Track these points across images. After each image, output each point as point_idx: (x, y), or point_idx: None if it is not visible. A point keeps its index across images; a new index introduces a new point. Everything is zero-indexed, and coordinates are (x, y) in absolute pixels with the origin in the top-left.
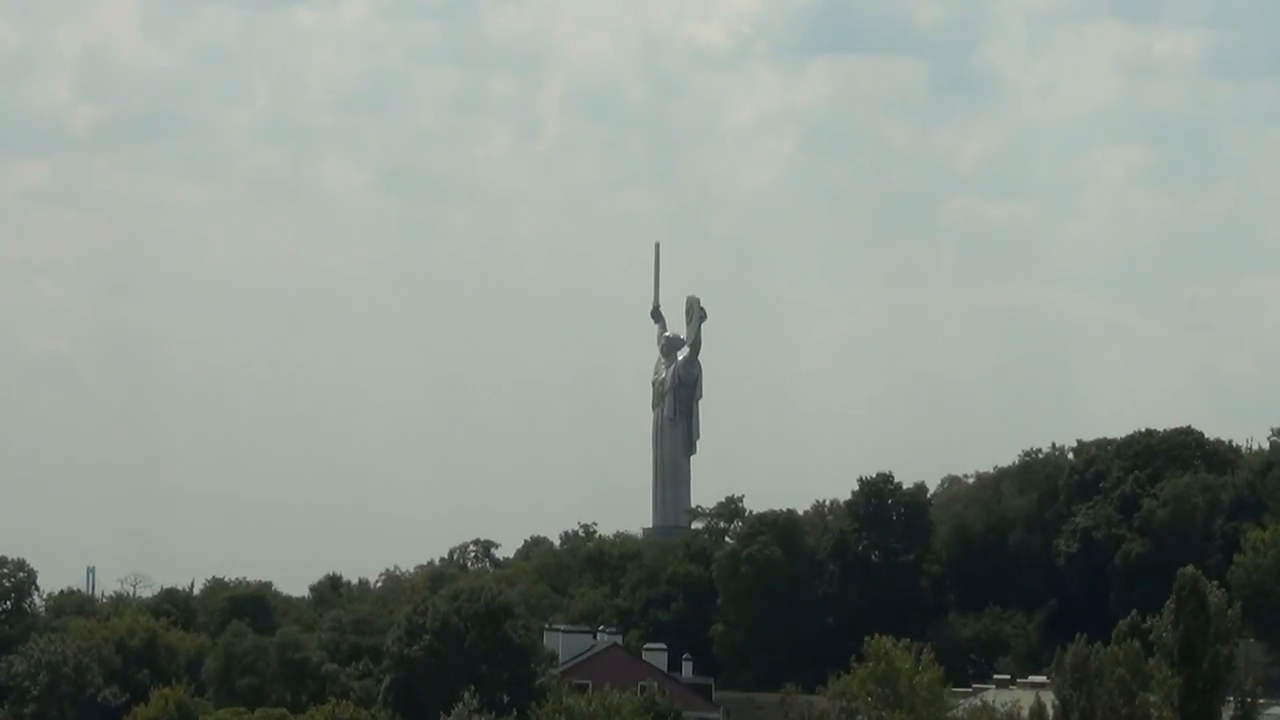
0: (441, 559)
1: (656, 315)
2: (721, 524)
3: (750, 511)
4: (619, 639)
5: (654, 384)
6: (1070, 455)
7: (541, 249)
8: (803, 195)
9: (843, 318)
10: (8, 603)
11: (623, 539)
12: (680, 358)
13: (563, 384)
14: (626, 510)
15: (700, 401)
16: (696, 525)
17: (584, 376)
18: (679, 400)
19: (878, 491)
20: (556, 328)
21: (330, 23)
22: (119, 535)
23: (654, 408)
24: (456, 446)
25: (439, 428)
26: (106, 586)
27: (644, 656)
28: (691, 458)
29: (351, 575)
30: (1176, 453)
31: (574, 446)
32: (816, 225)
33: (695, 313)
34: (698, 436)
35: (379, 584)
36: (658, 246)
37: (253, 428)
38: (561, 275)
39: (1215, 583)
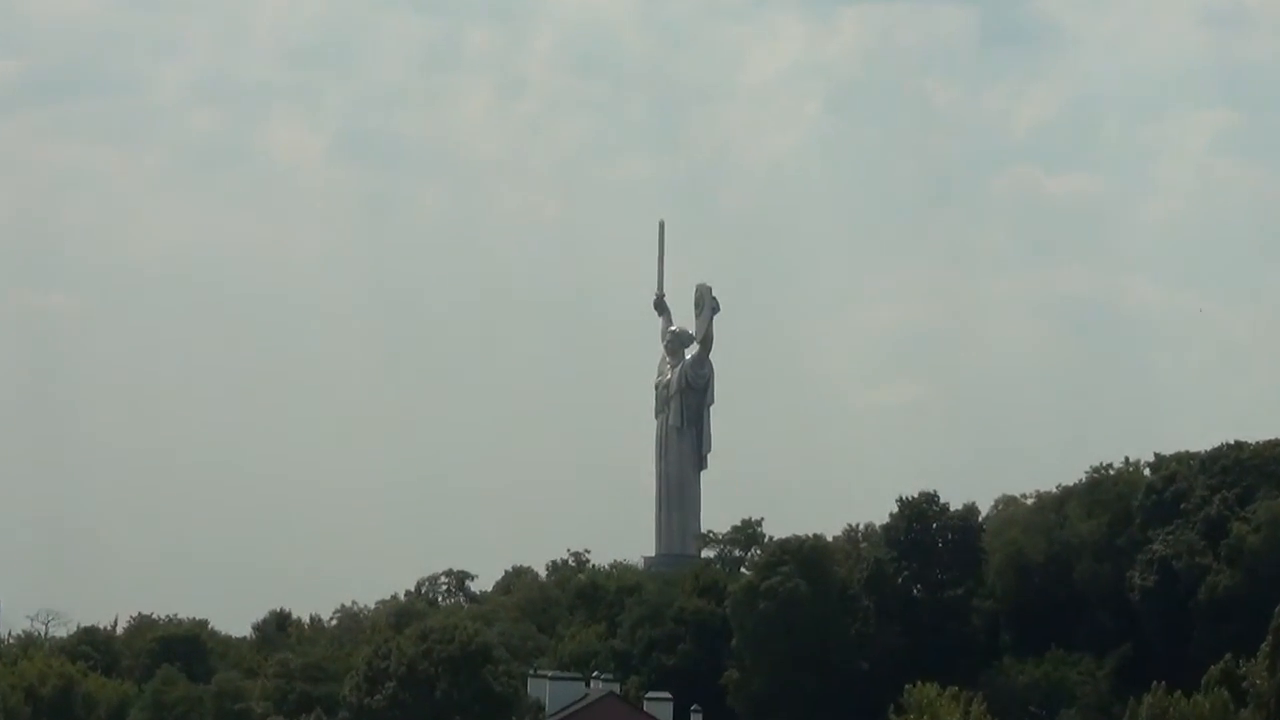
0: (407, 593)
1: (660, 306)
2: (737, 552)
3: (770, 537)
4: (616, 687)
5: (657, 387)
6: (1146, 472)
7: (526, 228)
8: (830, 165)
9: (878, 309)
10: None
11: (620, 570)
12: (688, 356)
13: (550, 388)
14: (625, 536)
15: (712, 408)
16: (707, 553)
17: (575, 379)
18: (687, 406)
19: (920, 514)
20: (543, 321)
21: None
22: (26, 565)
23: (657, 415)
24: (425, 461)
25: (405, 439)
26: (13, 624)
27: (645, 707)
28: (701, 474)
29: (301, 612)
30: (1271, 468)
31: (563, 461)
32: (846, 201)
33: (706, 303)
34: (708, 449)
35: (333, 622)
36: (662, 225)
37: (185, 440)
38: (549, 259)
39: None
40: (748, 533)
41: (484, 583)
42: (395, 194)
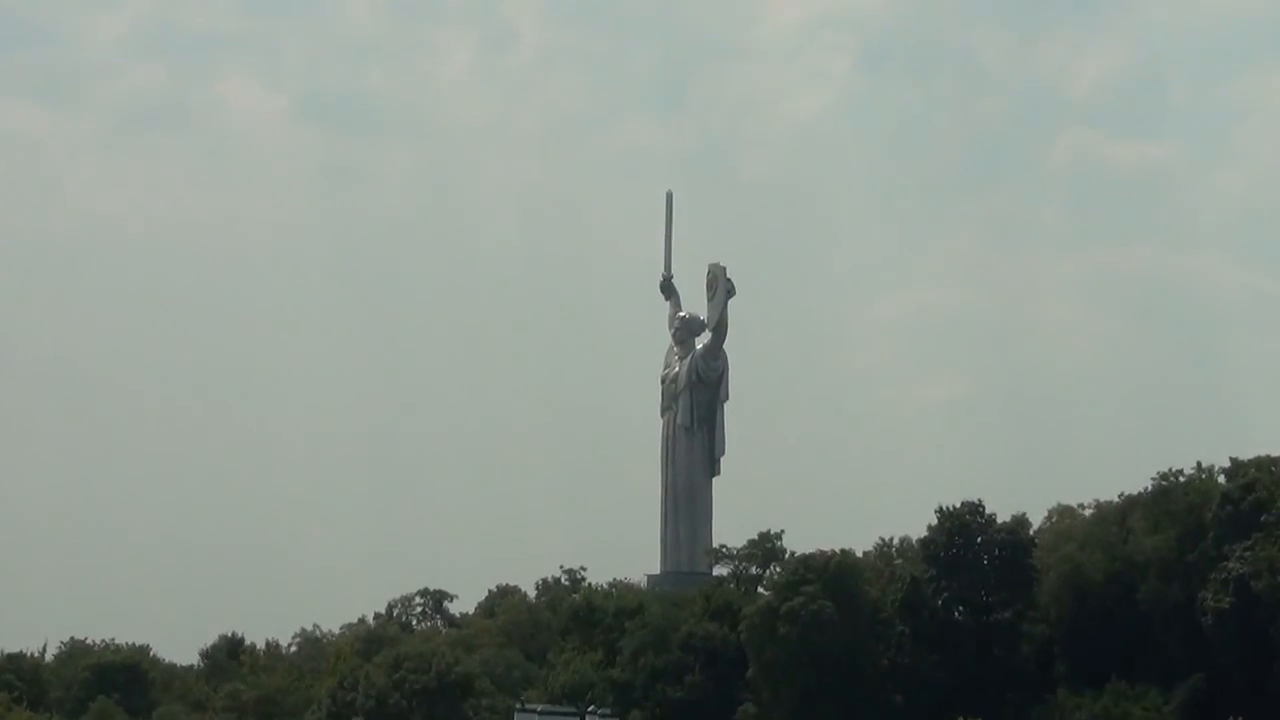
0: (377, 615)
1: (667, 289)
2: (754, 569)
3: (791, 553)
4: None
5: (663, 381)
6: (1221, 479)
7: (513, 202)
8: (863, 130)
9: (917, 294)
10: None
11: (620, 589)
12: (699, 346)
13: (540, 382)
14: (625, 551)
15: (726, 405)
16: (720, 571)
17: (568, 372)
18: (697, 403)
19: (963, 526)
20: (533, 308)
21: None
22: None
23: (663, 413)
24: (396, 465)
25: (372, 440)
26: None
27: None
28: (713, 480)
29: (256, 637)
30: None
31: (555, 466)
32: (881, 170)
33: (720, 286)
34: (721, 451)
35: (293, 648)
36: (669, 197)
37: (121, 443)
38: (539, 237)
39: None
40: (766, 547)
41: (464, 604)
42: (364, 162)
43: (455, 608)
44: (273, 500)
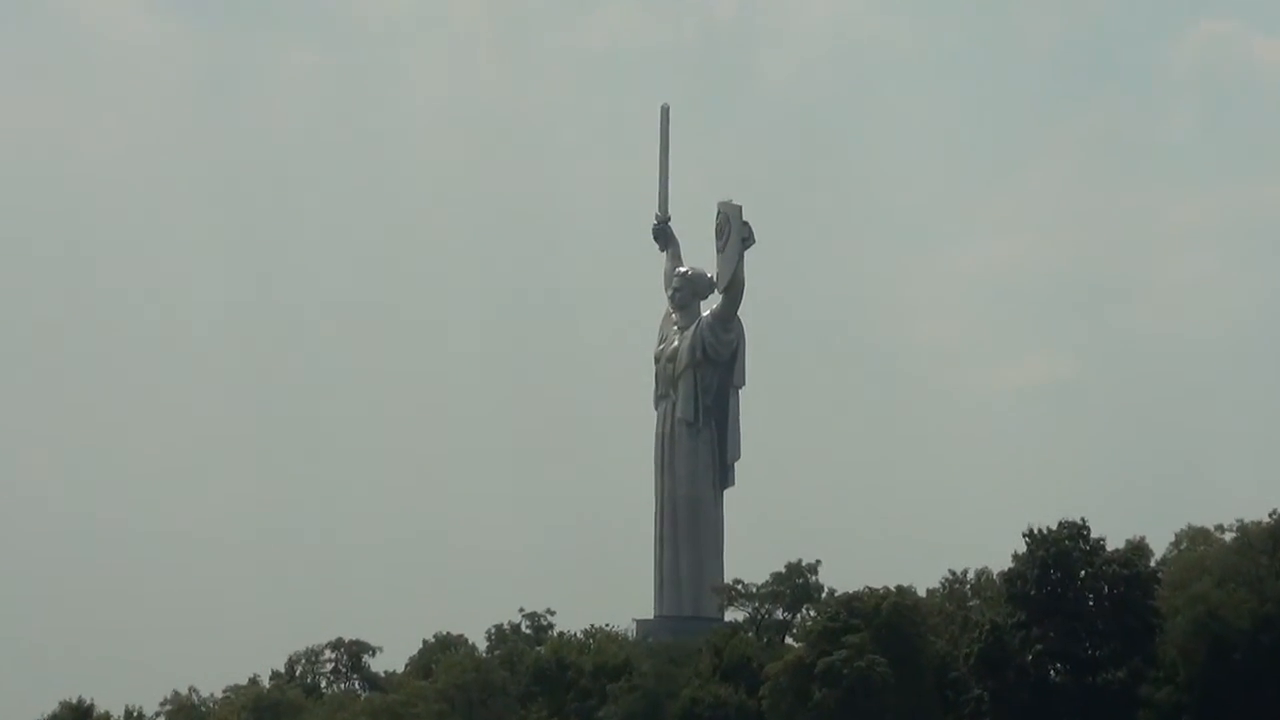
0: (274, 675)
1: (663, 237)
2: (780, 613)
3: (830, 590)
4: None
5: (658, 360)
6: None
7: (452, 117)
8: (921, 31)
9: (990, 244)
10: None
11: (601, 639)
12: (706, 314)
13: (491, 358)
14: (606, 589)
15: (742, 392)
16: (734, 615)
17: (529, 347)
18: (703, 389)
19: (1060, 556)
20: (480, 258)
21: None
22: None
23: (657, 403)
24: (295, 479)
25: (267, 447)
26: None
27: None
28: (724, 493)
29: (109, 703)
30: None
31: (512, 475)
32: (942, 79)
33: (732, 232)
34: (736, 456)
35: (160, 718)
36: (665, 115)
37: None
38: (490, 165)
39: None
40: (795, 583)
41: (391, 659)
42: (253, 62)
43: (379, 664)
44: (134, 534)
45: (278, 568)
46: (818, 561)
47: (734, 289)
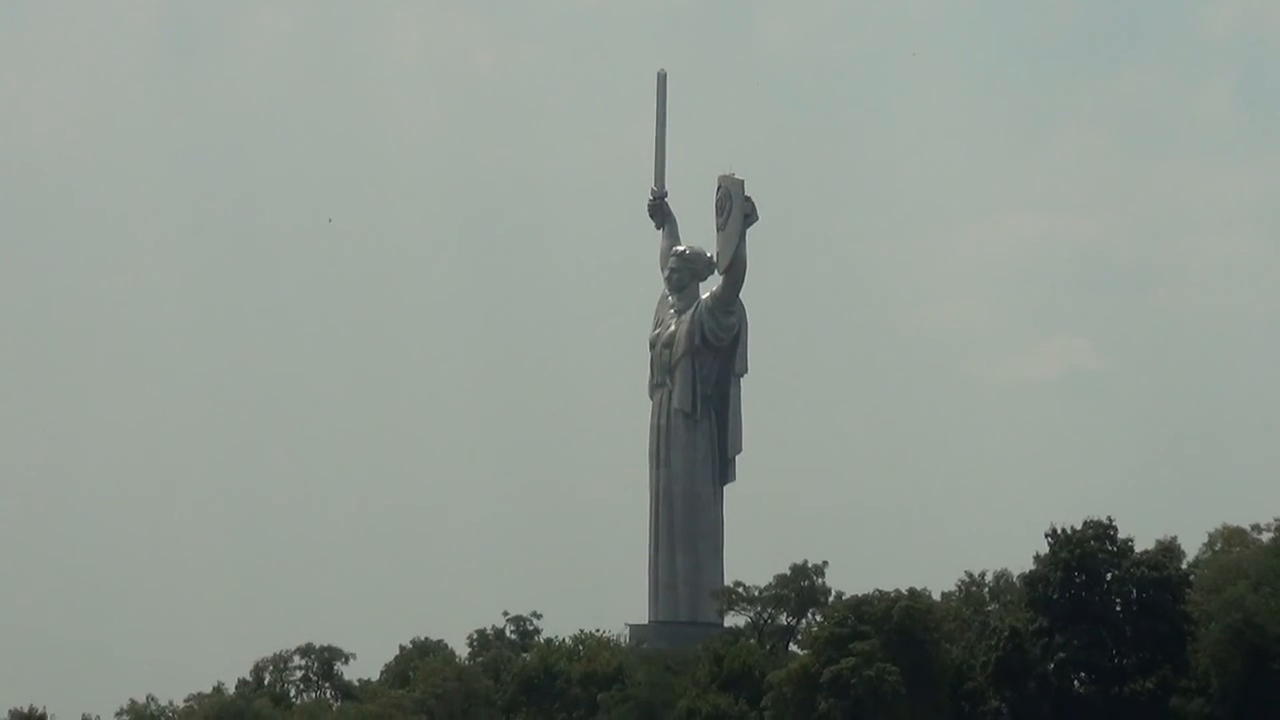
0: (241, 682)
1: (659, 213)
2: (784, 617)
3: (838, 594)
4: None
5: (653, 345)
6: None
7: (432, 80)
8: None
9: (1013, 220)
10: None
11: (592, 644)
12: (705, 296)
13: (472, 342)
14: (597, 592)
15: (745, 379)
16: (735, 620)
17: (514, 329)
18: (702, 378)
19: (1085, 558)
20: (461, 233)
21: None
22: None
23: (652, 392)
24: (272, 468)
25: (230, 438)
26: None
27: None
28: (725, 488)
29: (65, 712)
30: None
31: (495, 469)
32: (963, 40)
33: (734, 208)
34: (737, 450)
35: None
36: (663, 81)
37: None
38: (471, 131)
39: None
40: (801, 586)
41: (365, 666)
42: (218, 20)
43: (352, 671)
44: (88, 533)
45: (245, 568)
46: (824, 563)
47: (735, 269)
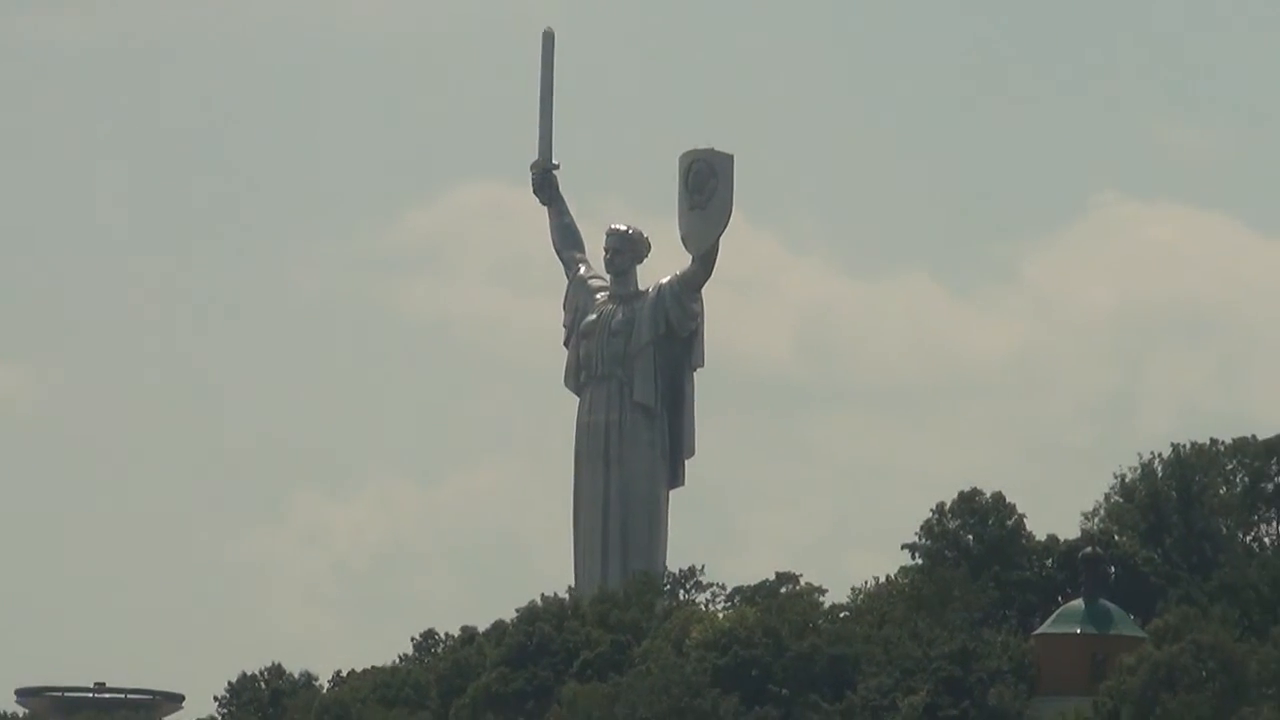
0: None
1: (544, 186)
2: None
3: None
4: None
5: (585, 333)
6: None
7: (283, 36)
8: None
9: None
10: None
11: None
12: (668, 279)
13: (351, 336)
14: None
15: (699, 373)
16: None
17: (394, 321)
18: (661, 368)
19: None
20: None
21: None
22: None
23: (580, 386)
24: (183, 469)
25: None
26: None
27: None
28: (673, 492)
29: None
30: None
31: (387, 475)
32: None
33: (719, 184)
34: (689, 453)
35: None
36: (549, 38)
37: None
38: (342, 93)
39: None
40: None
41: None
42: None
43: None
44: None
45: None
46: (799, 574)
47: (712, 253)
